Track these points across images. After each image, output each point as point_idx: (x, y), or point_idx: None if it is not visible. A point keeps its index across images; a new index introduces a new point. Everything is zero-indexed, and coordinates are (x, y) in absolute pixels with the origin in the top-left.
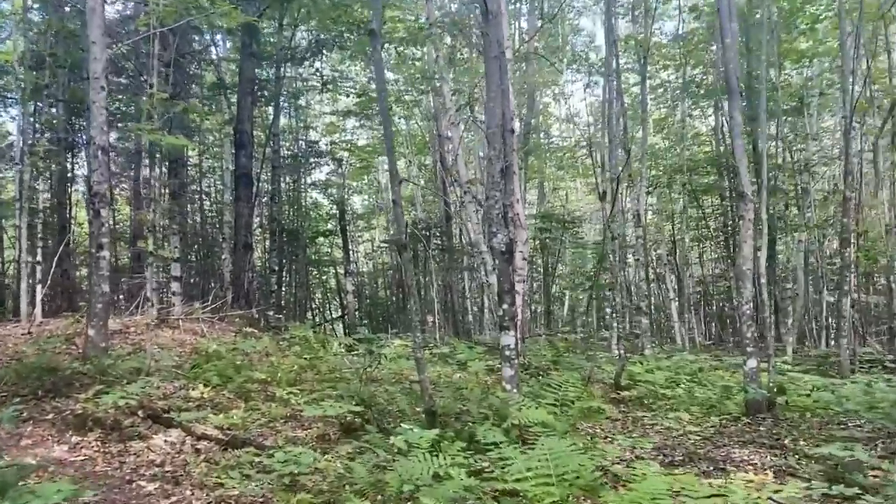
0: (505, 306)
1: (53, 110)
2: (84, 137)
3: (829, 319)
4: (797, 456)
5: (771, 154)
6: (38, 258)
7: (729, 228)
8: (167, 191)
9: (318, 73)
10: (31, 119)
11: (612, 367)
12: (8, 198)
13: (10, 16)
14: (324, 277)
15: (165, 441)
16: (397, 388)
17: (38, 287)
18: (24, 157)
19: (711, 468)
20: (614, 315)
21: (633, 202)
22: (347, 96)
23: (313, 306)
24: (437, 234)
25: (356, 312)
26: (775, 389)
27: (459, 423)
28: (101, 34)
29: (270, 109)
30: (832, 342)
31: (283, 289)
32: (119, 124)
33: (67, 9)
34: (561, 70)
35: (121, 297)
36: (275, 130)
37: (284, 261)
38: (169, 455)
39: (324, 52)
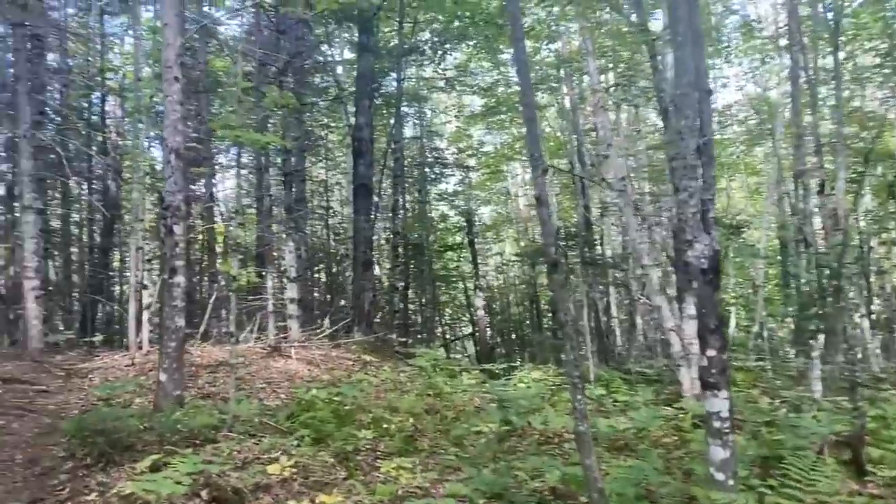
0: (711, 352)
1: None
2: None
3: None
4: None
5: None
6: (145, 280)
7: None
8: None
9: (440, 73)
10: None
11: (825, 417)
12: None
13: None
14: (452, 293)
15: None
16: (546, 462)
17: (146, 313)
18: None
19: None
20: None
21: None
22: (473, 92)
23: (443, 323)
24: (574, 244)
25: (487, 329)
26: None
27: None
28: (174, 14)
29: (392, 121)
30: None
31: (410, 307)
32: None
33: None
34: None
35: (244, 317)
36: (396, 137)
37: (410, 277)
38: None
39: (447, 46)
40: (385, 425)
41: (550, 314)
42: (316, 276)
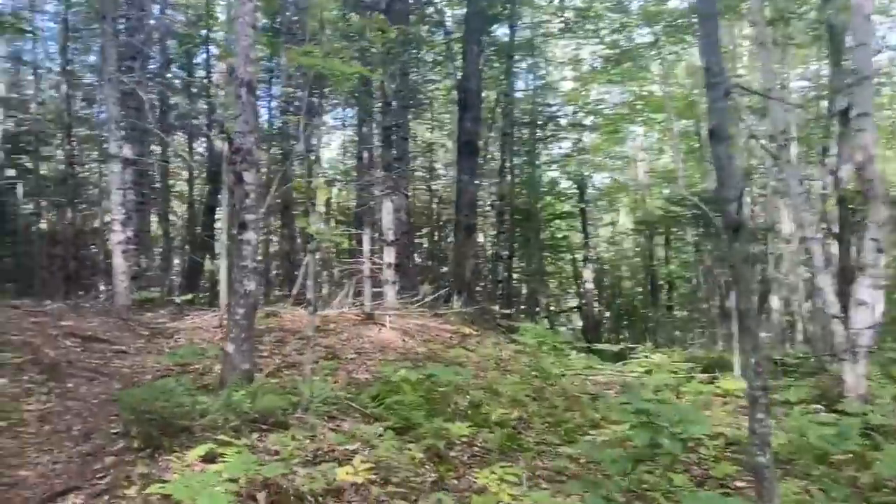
0: None
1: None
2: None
3: None
4: None
5: None
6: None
7: None
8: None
9: (559, 15)
10: None
11: None
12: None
13: None
14: (559, 264)
15: None
16: (694, 494)
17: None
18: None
19: None
20: None
21: None
22: (595, 38)
23: (547, 295)
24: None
25: (594, 304)
26: None
27: None
28: None
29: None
30: None
31: (514, 277)
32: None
33: None
34: None
35: (345, 281)
36: (507, 90)
37: (515, 246)
38: None
39: None
40: (484, 413)
41: (668, 290)
42: (418, 241)
